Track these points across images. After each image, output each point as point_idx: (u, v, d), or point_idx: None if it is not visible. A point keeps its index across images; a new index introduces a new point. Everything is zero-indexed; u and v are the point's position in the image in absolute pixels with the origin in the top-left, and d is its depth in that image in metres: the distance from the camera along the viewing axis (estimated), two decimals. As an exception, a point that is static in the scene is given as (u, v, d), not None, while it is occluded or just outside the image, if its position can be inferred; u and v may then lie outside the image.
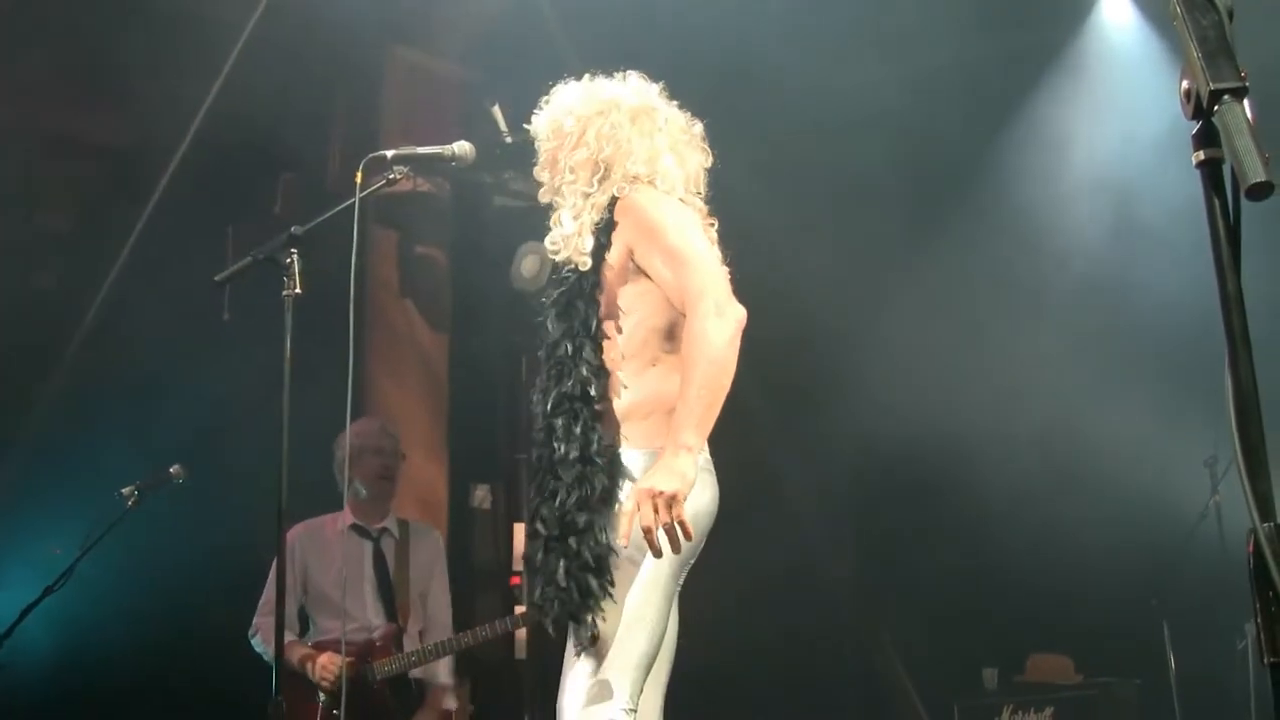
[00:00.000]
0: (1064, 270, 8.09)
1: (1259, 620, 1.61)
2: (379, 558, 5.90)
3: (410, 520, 6.17)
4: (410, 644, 5.76)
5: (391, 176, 3.89)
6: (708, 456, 3.31)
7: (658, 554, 2.99)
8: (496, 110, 7.20)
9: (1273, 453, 1.66)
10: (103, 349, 7.24)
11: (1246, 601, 1.65)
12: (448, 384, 7.89)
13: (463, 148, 3.77)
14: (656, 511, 2.94)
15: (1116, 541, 7.45)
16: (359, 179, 3.72)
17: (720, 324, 3.10)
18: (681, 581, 3.31)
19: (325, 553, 5.79)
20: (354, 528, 5.90)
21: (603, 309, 3.34)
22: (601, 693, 3.07)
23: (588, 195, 3.43)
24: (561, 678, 3.21)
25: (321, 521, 5.86)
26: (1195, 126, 1.71)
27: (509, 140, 7.22)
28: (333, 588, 5.71)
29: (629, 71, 3.62)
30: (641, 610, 3.12)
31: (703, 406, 3.05)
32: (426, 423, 7.64)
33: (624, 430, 3.27)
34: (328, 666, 5.47)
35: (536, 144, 3.59)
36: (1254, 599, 1.61)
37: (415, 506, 6.94)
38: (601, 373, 3.27)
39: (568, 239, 3.41)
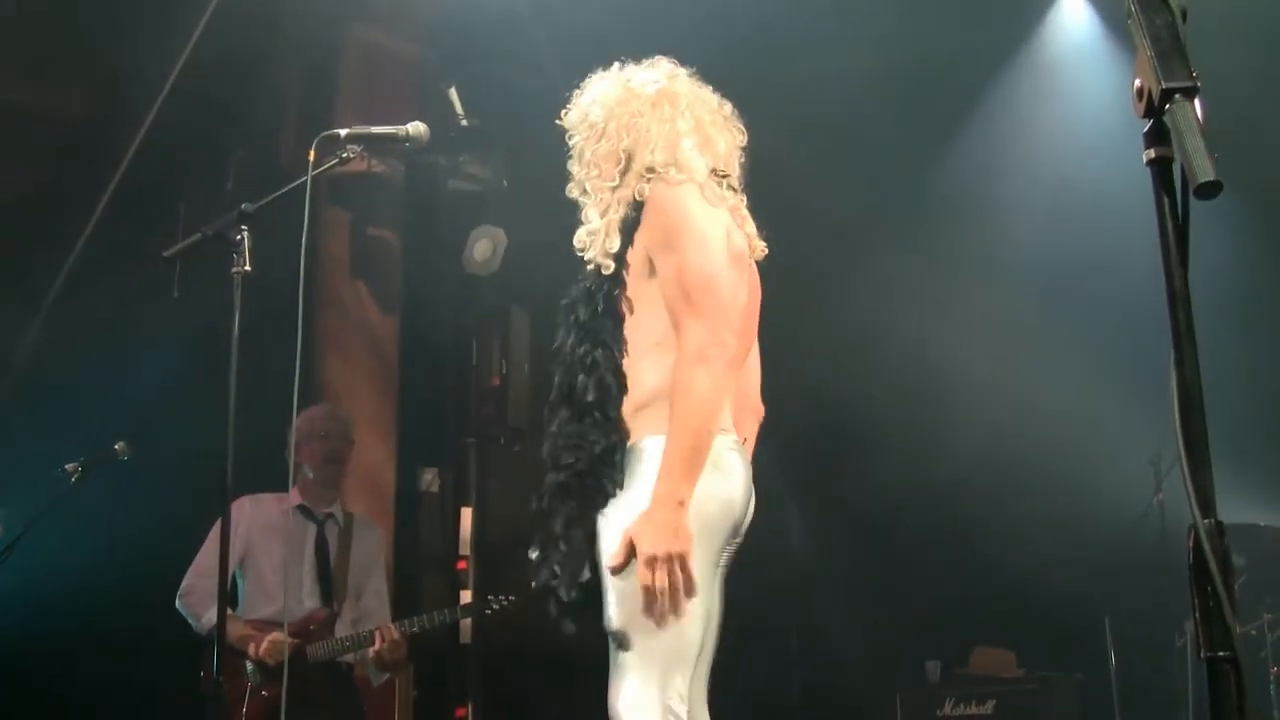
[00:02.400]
0: (1013, 267, 8.13)
1: (1197, 614, 1.62)
2: (321, 542, 5.85)
3: (356, 513, 6.13)
4: (343, 630, 5.69)
5: (344, 155, 3.86)
6: (737, 439, 3.31)
7: (660, 621, 2.99)
8: (453, 93, 7.19)
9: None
10: (49, 325, 7.17)
11: (1186, 599, 1.66)
12: (397, 366, 7.87)
13: (417, 129, 3.74)
14: (658, 573, 2.97)
15: (1060, 537, 7.51)
16: (311, 157, 3.69)
17: (703, 372, 3.08)
18: (723, 563, 3.34)
19: (269, 528, 5.74)
20: (300, 509, 5.86)
21: (625, 307, 3.29)
22: (644, 687, 3.03)
23: (614, 189, 3.39)
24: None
25: (269, 497, 5.79)
26: (1147, 125, 1.73)
27: (465, 123, 7.21)
28: (269, 564, 5.68)
29: (659, 57, 3.57)
30: (659, 614, 3.02)
31: (684, 460, 3.04)
32: (375, 405, 7.61)
33: (648, 416, 3.20)
34: (272, 647, 5.43)
35: (569, 138, 3.54)
36: (1193, 593, 1.62)
37: (363, 489, 6.91)
38: (620, 377, 3.23)
39: (594, 235, 3.36)
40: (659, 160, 3.35)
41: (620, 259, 3.30)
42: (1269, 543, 6.71)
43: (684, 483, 3.03)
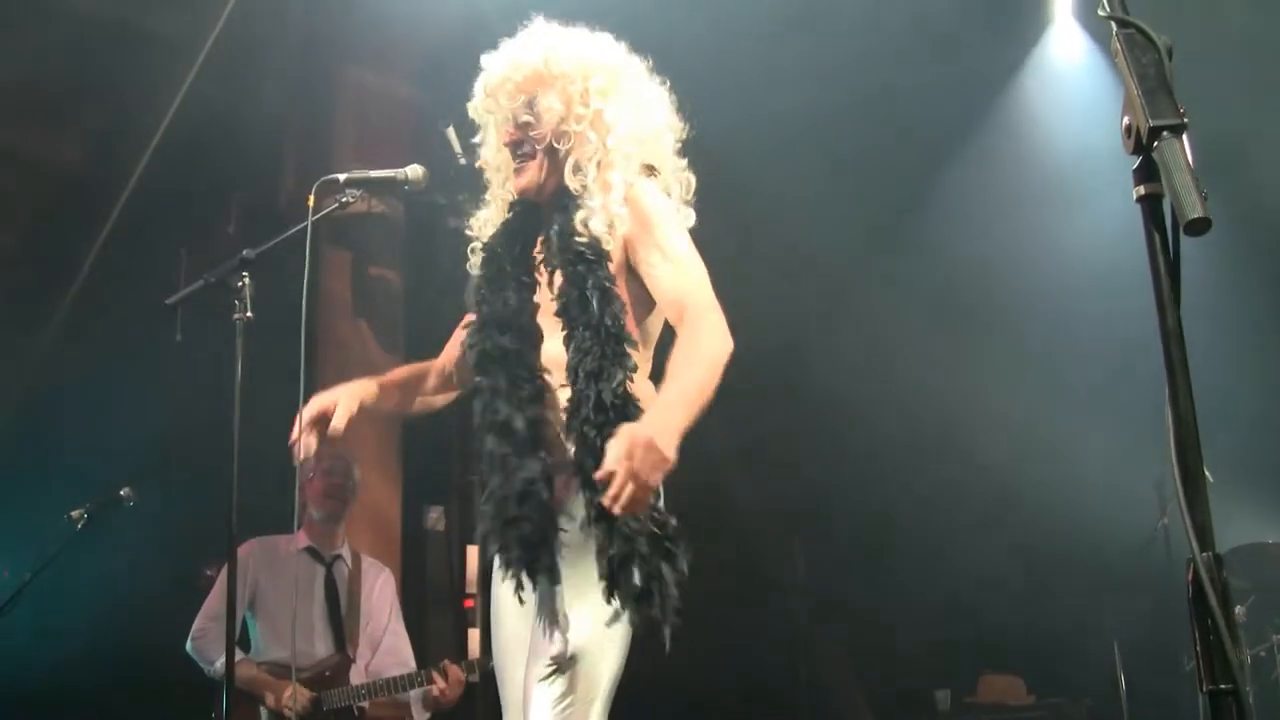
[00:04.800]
0: (1013, 294, 8.15)
1: (1198, 648, 1.63)
2: (330, 584, 5.84)
3: (364, 555, 6.12)
4: (356, 676, 5.68)
5: (344, 200, 3.87)
6: None
7: (623, 506, 2.74)
8: (450, 132, 7.20)
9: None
10: (53, 369, 7.18)
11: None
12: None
13: (415, 171, 3.75)
14: (641, 461, 2.73)
15: (1067, 563, 7.51)
16: (311, 202, 3.69)
17: (724, 343, 3.01)
18: None
19: (277, 570, 5.73)
20: (308, 550, 5.86)
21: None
22: (585, 712, 2.99)
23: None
24: (524, 701, 3.09)
25: (276, 540, 5.79)
26: (1136, 161, 1.75)
27: (463, 162, 7.22)
28: (281, 607, 5.66)
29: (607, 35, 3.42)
30: (614, 630, 3.03)
31: (701, 401, 2.88)
32: (379, 444, 7.60)
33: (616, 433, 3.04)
34: (293, 698, 5.40)
35: (552, 75, 3.28)
36: (1192, 627, 1.63)
37: (368, 528, 6.91)
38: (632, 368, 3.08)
39: (605, 209, 3.19)
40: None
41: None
42: (1277, 561, 6.71)
43: (690, 422, 2.84)
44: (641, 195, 3.23)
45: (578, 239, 3.17)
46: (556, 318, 3.18)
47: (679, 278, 3.14)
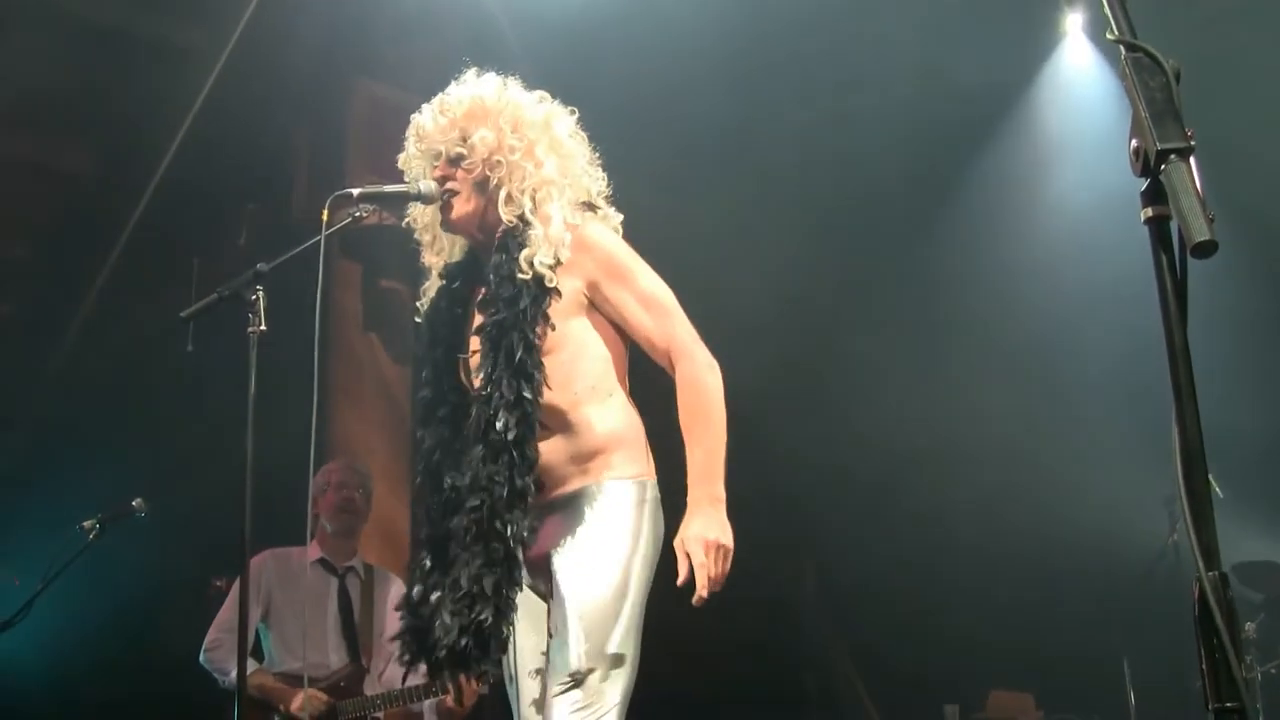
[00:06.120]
0: (1022, 310, 8.15)
1: (1204, 667, 1.65)
2: (344, 595, 5.86)
3: (375, 565, 6.14)
4: (370, 686, 5.69)
5: (357, 214, 3.89)
6: (657, 490, 3.31)
7: (700, 601, 3.06)
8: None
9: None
10: (66, 381, 7.20)
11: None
12: (410, 417, 7.88)
13: (428, 186, 3.75)
14: (717, 564, 3.08)
15: (1077, 579, 7.50)
16: (325, 217, 3.70)
17: (717, 378, 3.22)
18: None
19: (291, 581, 5.75)
20: (321, 562, 5.87)
21: (548, 340, 3.22)
22: None
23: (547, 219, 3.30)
24: (544, 712, 3.15)
25: (289, 551, 5.81)
26: (1144, 184, 1.77)
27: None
28: (295, 618, 5.68)
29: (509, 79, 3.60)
30: (623, 649, 3.11)
31: (722, 459, 3.17)
32: (389, 455, 7.62)
33: (607, 460, 3.23)
34: (305, 705, 5.41)
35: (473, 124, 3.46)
36: (1199, 646, 1.65)
37: (377, 539, 6.92)
38: (537, 411, 3.16)
39: (548, 240, 3.25)
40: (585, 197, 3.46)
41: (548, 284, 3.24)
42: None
43: (723, 471, 3.18)
44: (598, 238, 3.32)
45: (519, 276, 3.24)
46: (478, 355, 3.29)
47: (658, 322, 3.28)
